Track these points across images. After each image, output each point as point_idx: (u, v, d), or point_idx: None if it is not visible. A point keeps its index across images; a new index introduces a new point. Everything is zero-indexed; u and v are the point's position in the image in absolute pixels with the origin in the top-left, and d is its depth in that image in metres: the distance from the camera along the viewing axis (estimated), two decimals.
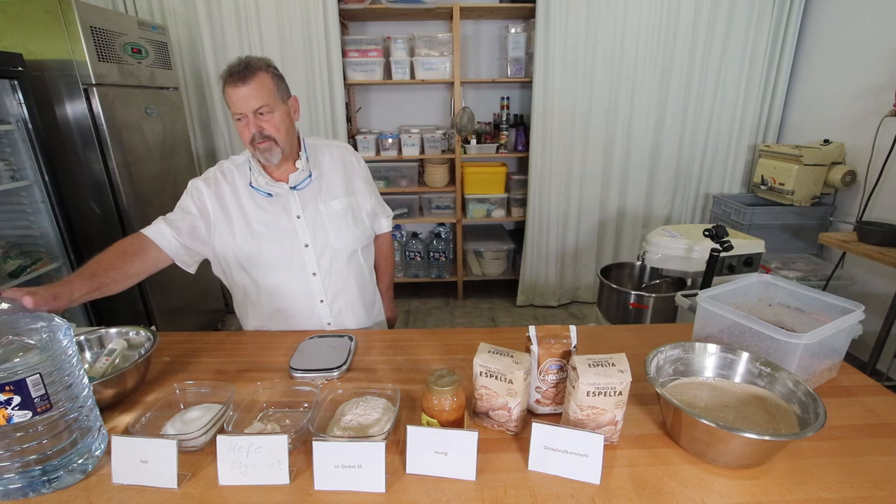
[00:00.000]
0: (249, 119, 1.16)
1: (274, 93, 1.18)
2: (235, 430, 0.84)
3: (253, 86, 1.14)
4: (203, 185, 1.27)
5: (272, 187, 1.28)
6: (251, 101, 1.15)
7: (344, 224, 1.32)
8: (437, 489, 0.75)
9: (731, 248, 1.74)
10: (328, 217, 1.30)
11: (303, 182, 1.29)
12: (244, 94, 1.14)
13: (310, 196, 1.30)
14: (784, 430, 0.80)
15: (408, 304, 3.45)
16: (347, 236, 1.33)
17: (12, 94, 1.92)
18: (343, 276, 1.35)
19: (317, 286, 1.32)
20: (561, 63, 2.89)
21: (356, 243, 1.36)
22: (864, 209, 2.37)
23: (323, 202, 1.31)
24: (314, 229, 1.29)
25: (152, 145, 2.45)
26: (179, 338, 1.26)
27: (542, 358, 0.86)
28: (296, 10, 2.77)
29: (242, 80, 1.13)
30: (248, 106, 1.15)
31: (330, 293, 1.34)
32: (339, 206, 1.32)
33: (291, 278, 1.30)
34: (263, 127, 1.17)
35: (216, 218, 1.26)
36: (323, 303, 1.34)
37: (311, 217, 1.29)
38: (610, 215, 3.26)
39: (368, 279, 1.45)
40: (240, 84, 1.13)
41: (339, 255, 1.33)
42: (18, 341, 0.74)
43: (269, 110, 1.17)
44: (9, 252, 2.07)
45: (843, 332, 0.99)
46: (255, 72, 1.15)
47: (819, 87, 2.81)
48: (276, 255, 1.27)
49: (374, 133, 3.21)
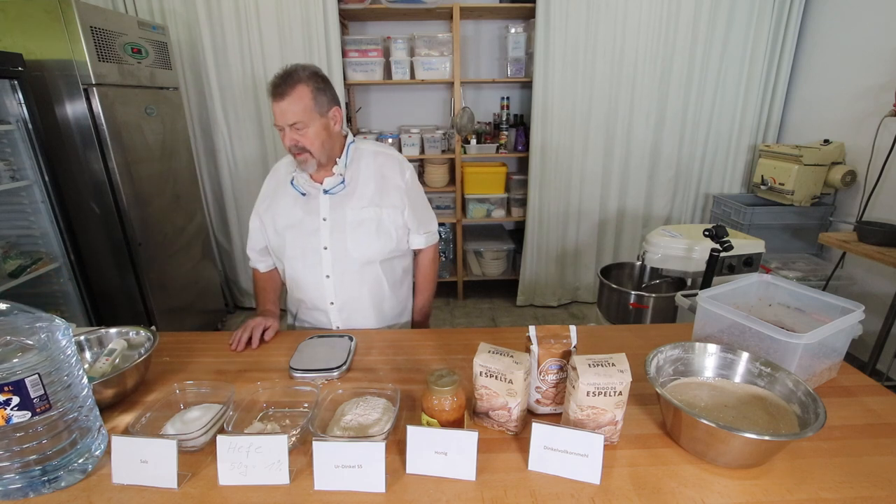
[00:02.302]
0: (286, 131, 1.20)
1: (311, 108, 1.19)
2: (235, 430, 0.84)
3: (290, 100, 1.17)
4: (265, 188, 1.42)
5: (308, 187, 1.31)
6: (287, 116, 1.18)
7: (365, 233, 1.31)
8: (437, 489, 0.75)
9: (731, 248, 1.74)
10: (352, 224, 1.31)
11: (336, 186, 1.31)
12: (281, 108, 1.17)
13: (340, 200, 1.31)
14: (784, 430, 0.80)
15: None
16: (366, 246, 1.32)
17: (12, 94, 1.92)
18: (355, 285, 1.34)
19: (329, 288, 1.34)
20: (561, 63, 2.89)
21: (375, 255, 1.34)
22: (864, 209, 2.37)
23: (351, 209, 1.31)
24: (335, 233, 1.30)
25: (152, 145, 2.44)
26: (179, 338, 1.26)
27: (542, 358, 0.86)
28: (296, 11, 2.77)
29: (281, 94, 1.16)
30: (284, 120, 1.18)
31: (340, 298, 1.35)
32: (366, 216, 1.32)
33: (308, 276, 1.34)
34: (298, 140, 1.21)
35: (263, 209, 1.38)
36: (333, 305, 1.35)
37: (335, 221, 1.31)
38: (610, 215, 3.26)
39: (388, 292, 1.40)
40: (278, 98, 1.17)
41: (354, 263, 1.33)
42: (17, 342, 0.74)
43: (304, 125, 1.20)
44: (9, 252, 2.07)
45: (843, 332, 0.99)
46: (295, 85, 1.17)
47: (819, 87, 2.80)
48: (296, 252, 1.33)
49: (374, 133, 3.20)
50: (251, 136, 3.03)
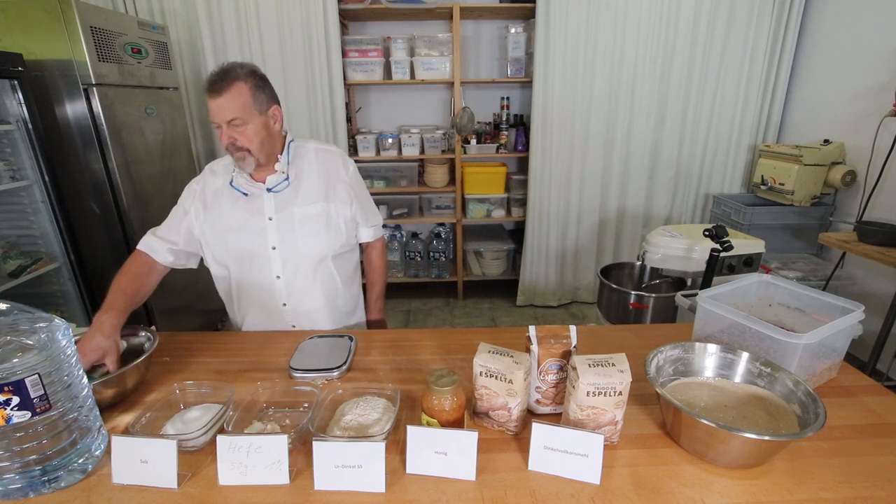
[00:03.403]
0: (224, 129, 1.17)
1: (249, 105, 1.17)
2: (235, 430, 0.84)
3: (227, 97, 1.14)
4: (195, 185, 1.34)
5: (249, 187, 1.29)
6: (224, 113, 1.15)
7: (314, 230, 1.30)
8: (437, 489, 0.74)
9: (731, 248, 1.74)
10: (300, 221, 1.29)
11: (280, 184, 1.29)
12: (219, 105, 1.14)
13: (285, 199, 1.29)
14: (784, 430, 0.79)
15: (408, 304, 3.45)
16: (316, 243, 1.31)
17: (12, 94, 1.92)
18: (308, 283, 1.33)
19: (280, 289, 1.32)
20: (561, 63, 2.89)
21: (326, 251, 1.33)
22: (864, 209, 2.37)
23: (298, 206, 1.29)
24: (283, 232, 1.29)
25: (152, 145, 2.44)
26: (179, 338, 1.26)
27: (542, 358, 0.86)
28: (296, 11, 2.77)
29: (217, 90, 1.13)
30: (222, 117, 1.15)
31: (293, 298, 1.33)
32: (314, 212, 1.30)
33: (255, 278, 1.31)
34: (236, 138, 1.18)
35: (198, 212, 1.31)
36: (286, 306, 1.34)
37: (282, 220, 1.29)
38: (610, 215, 3.26)
39: (341, 289, 1.40)
40: (215, 94, 1.14)
41: (305, 261, 1.31)
42: (17, 341, 0.74)
43: (242, 122, 1.17)
44: (9, 252, 2.07)
45: (843, 332, 0.99)
46: (232, 82, 1.14)
47: (819, 87, 2.80)
48: (241, 254, 1.30)
49: (374, 133, 3.20)
50: None
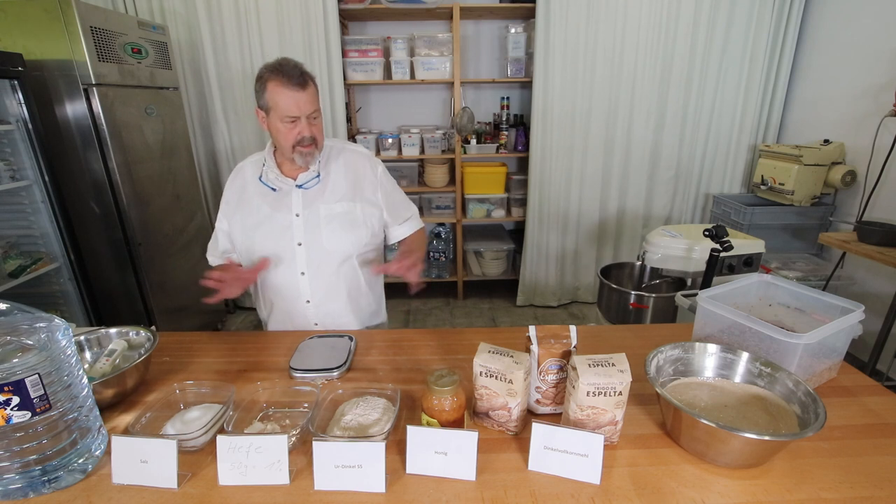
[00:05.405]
0: (303, 123, 1.20)
1: (319, 101, 1.24)
2: (235, 430, 0.84)
3: (311, 91, 1.19)
4: (228, 192, 1.37)
5: (279, 182, 1.30)
6: (308, 106, 1.19)
7: (340, 228, 1.31)
8: (437, 489, 0.74)
9: (731, 248, 1.74)
10: (326, 218, 1.30)
11: (311, 181, 1.31)
12: (304, 98, 1.18)
13: (313, 196, 1.31)
14: (784, 430, 0.79)
15: (408, 304, 3.45)
16: (341, 240, 1.32)
17: (12, 94, 1.92)
18: (332, 280, 1.34)
19: (304, 286, 1.32)
20: (561, 63, 2.89)
21: (351, 249, 1.34)
22: (864, 209, 2.37)
23: (325, 203, 1.31)
24: (310, 229, 1.30)
25: (152, 145, 2.44)
26: (179, 338, 1.26)
27: (542, 358, 0.86)
28: (296, 11, 2.77)
29: (303, 84, 1.17)
30: (305, 110, 1.19)
31: (317, 295, 1.34)
32: (340, 210, 1.32)
33: (281, 274, 1.32)
34: (313, 130, 1.22)
35: (231, 214, 1.35)
36: (309, 303, 1.34)
37: (309, 216, 1.30)
38: (610, 215, 3.26)
39: (365, 288, 1.41)
40: (299, 88, 1.17)
41: (330, 258, 1.32)
42: (17, 342, 0.74)
43: (319, 116, 1.24)
44: (9, 252, 2.07)
45: (843, 332, 0.99)
46: (310, 80, 1.20)
47: (819, 87, 2.80)
48: (266, 250, 1.30)
49: (374, 133, 3.20)
50: (251, 136, 3.03)
